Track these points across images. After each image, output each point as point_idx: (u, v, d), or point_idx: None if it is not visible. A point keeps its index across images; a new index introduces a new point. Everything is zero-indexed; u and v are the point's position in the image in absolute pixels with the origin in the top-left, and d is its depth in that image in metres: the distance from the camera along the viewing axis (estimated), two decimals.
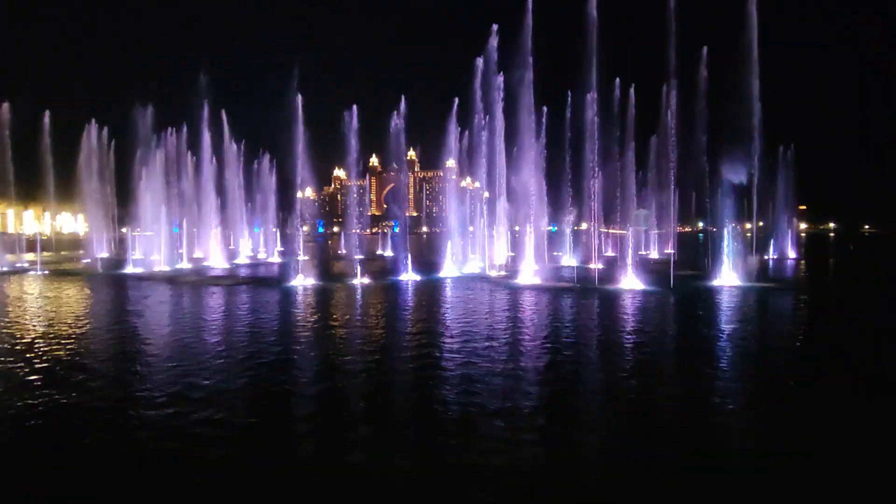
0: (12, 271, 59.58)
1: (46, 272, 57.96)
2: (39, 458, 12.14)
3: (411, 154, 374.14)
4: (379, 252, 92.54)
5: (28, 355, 20.69)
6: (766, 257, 67.92)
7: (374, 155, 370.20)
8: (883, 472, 11.14)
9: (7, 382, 17.30)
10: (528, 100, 50.58)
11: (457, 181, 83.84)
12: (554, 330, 25.96)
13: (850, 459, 11.70)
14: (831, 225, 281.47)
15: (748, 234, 64.68)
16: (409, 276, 48.39)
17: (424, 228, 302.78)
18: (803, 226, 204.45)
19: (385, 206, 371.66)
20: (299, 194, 72.81)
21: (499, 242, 60.98)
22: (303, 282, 45.12)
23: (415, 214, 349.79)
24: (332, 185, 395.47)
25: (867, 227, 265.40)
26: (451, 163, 74.14)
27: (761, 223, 74.15)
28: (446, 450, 12.33)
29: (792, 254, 75.82)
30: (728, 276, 43.00)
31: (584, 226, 72.88)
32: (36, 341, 23.19)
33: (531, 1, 48.58)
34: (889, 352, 21.88)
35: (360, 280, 45.69)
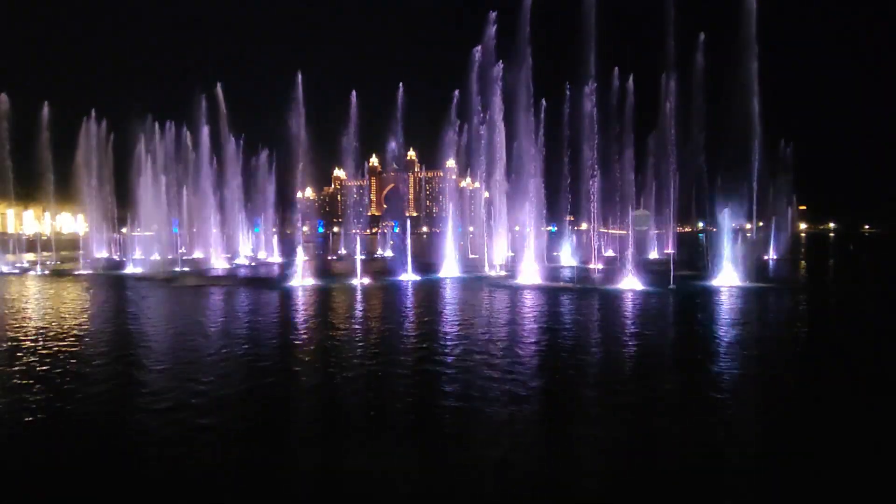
0: (11, 272, 59.55)
1: (46, 273, 57.95)
2: (38, 459, 12.14)
3: (411, 154, 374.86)
4: (379, 253, 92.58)
5: (25, 356, 20.71)
6: (765, 257, 67.89)
7: (373, 155, 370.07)
8: (883, 472, 11.13)
9: (2, 384, 17.30)
10: (527, 93, 50.54)
11: (457, 181, 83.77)
12: (552, 331, 25.91)
13: (851, 459, 11.69)
14: (831, 225, 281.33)
15: (748, 234, 64.64)
16: (408, 277, 48.39)
17: (425, 228, 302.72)
18: (803, 226, 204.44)
19: (385, 206, 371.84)
20: (299, 194, 72.74)
21: (498, 242, 60.97)
22: (302, 282, 45.09)
23: (415, 214, 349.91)
24: (332, 186, 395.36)
25: (867, 227, 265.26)
26: (451, 163, 74.07)
27: (761, 223, 74.15)
28: (446, 450, 12.32)
29: (792, 254, 75.79)
30: (728, 277, 42.97)
31: (583, 226, 72.86)
32: (32, 343, 23.18)
33: None
34: (889, 352, 21.86)
35: (360, 280, 45.67)
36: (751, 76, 53.13)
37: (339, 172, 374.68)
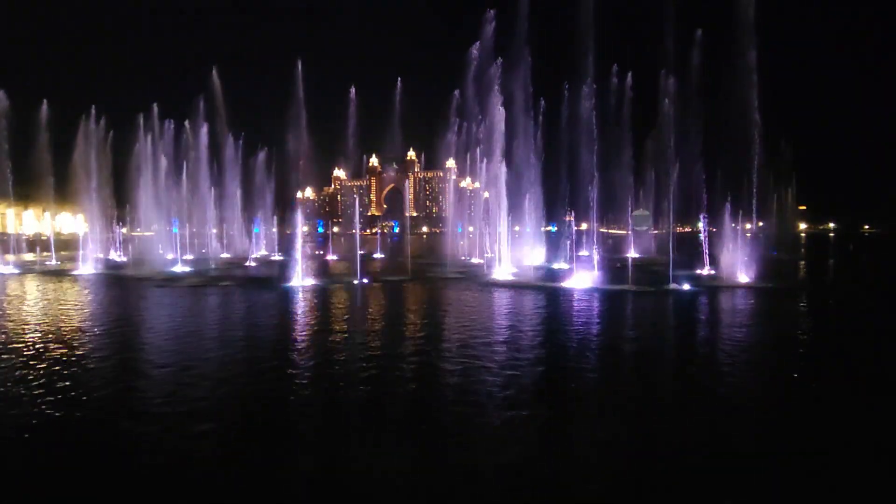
0: (10, 273, 59.52)
1: (44, 273, 57.96)
2: (38, 459, 12.12)
3: (411, 154, 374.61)
4: (378, 254, 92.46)
5: (21, 357, 20.69)
6: (765, 257, 67.78)
7: (373, 155, 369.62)
8: (883, 472, 11.10)
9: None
10: (525, 91, 50.52)
11: (457, 181, 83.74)
12: (550, 330, 25.90)
13: (851, 459, 11.67)
14: (831, 225, 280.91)
15: (748, 234, 64.58)
16: (406, 277, 48.46)
17: (425, 228, 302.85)
18: (803, 226, 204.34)
19: (385, 206, 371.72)
20: (299, 195, 72.82)
21: (496, 243, 60.87)
22: (301, 282, 45.05)
23: (415, 214, 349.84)
24: (332, 186, 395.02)
25: (867, 227, 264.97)
26: (450, 163, 74.08)
27: (761, 223, 74.11)
28: (445, 450, 12.31)
29: (792, 254, 75.72)
30: (727, 277, 42.97)
31: (583, 226, 72.73)
32: (30, 343, 23.17)
33: None
34: (889, 352, 21.83)
35: (360, 281, 45.70)
36: (750, 69, 52.86)
37: (338, 172, 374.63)
